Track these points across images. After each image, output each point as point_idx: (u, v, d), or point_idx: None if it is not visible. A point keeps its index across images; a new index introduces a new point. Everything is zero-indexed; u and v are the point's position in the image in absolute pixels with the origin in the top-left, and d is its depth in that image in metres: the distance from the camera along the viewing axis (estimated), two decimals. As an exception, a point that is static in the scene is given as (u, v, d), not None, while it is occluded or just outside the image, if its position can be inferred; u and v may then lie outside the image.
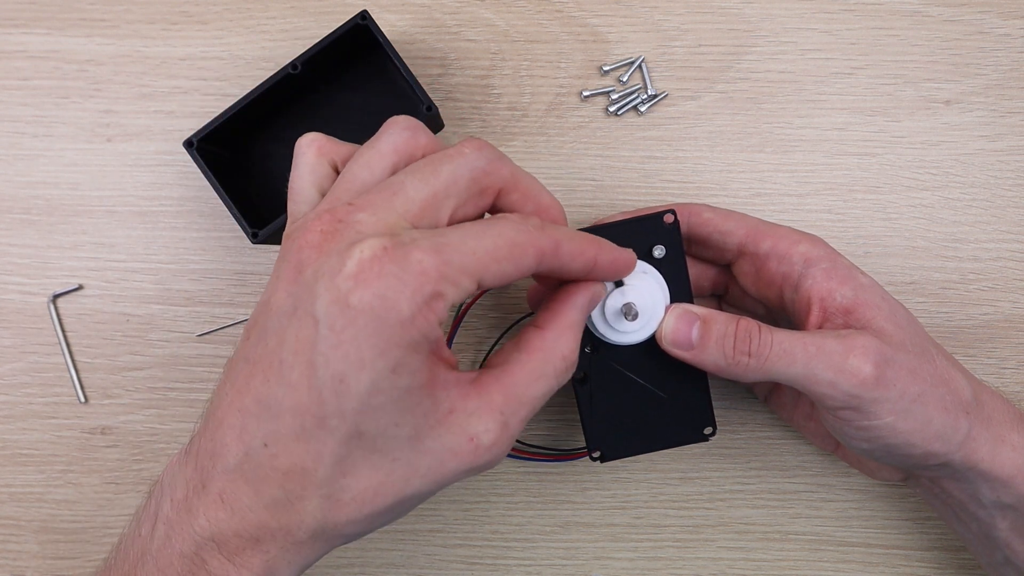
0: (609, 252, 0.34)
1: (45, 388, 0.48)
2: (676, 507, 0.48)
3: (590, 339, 0.39)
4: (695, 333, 0.38)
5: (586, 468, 0.48)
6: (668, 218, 0.38)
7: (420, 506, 0.48)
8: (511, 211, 0.33)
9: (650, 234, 0.38)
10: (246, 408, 0.30)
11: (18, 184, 0.48)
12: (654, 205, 0.42)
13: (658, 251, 0.38)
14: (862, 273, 0.39)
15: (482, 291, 0.37)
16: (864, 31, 0.48)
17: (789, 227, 0.41)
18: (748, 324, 0.37)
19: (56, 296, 0.48)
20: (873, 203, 0.48)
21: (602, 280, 0.35)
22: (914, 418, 0.36)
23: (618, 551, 0.48)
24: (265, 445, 0.29)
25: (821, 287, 0.38)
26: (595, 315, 0.38)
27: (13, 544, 0.48)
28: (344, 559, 0.48)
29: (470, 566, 0.48)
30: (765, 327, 0.37)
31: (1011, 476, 0.38)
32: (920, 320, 0.47)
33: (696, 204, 0.42)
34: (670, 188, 0.48)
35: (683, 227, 0.41)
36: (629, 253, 0.36)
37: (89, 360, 0.48)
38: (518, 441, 0.47)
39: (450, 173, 0.31)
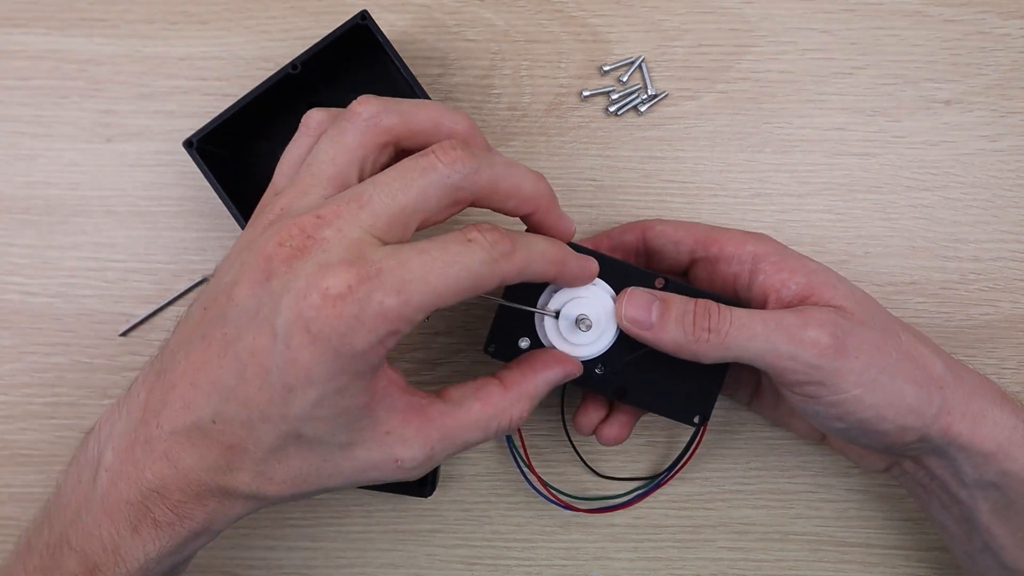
0: (574, 264, 0.37)
1: (45, 388, 0.48)
2: (676, 507, 0.48)
3: (598, 360, 0.40)
4: (654, 312, 0.38)
5: (586, 468, 0.48)
6: (659, 283, 0.40)
7: (420, 506, 0.48)
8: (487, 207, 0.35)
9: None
10: (198, 384, 0.32)
11: (18, 184, 0.48)
12: (625, 222, 0.45)
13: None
14: (813, 261, 0.40)
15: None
16: (864, 31, 0.48)
17: (737, 229, 0.42)
18: (707, 303, 0.38)
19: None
20: (873, 203, 0.48)
21: (563, 284, 0.38)
22: (883, 390, 0.37)
23: (618, 551, 0.48)
24: (213, 422, 0.32)
25: (773, 279, 0.39)
26: (553, 339, 0.39)
27: (13, 544, 0.48)
28: (344, 559, 0.48)
29: (470, 566, 0.48)
30: (724, 305, 0.38)
31: (992, 451, 0.38)
32: (920, 320, 0.48)
33: (650, 220, 0.44)
34: (670, 188, 0.48)
35: (640, 241, 0.43)
36: (591, 263, 0.38)
37: (89, 360, 0.48)
38: (549, 485, 0.47)
39: (421, 190, 0.32)
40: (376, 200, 0.31)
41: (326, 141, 0.34)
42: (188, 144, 0.43)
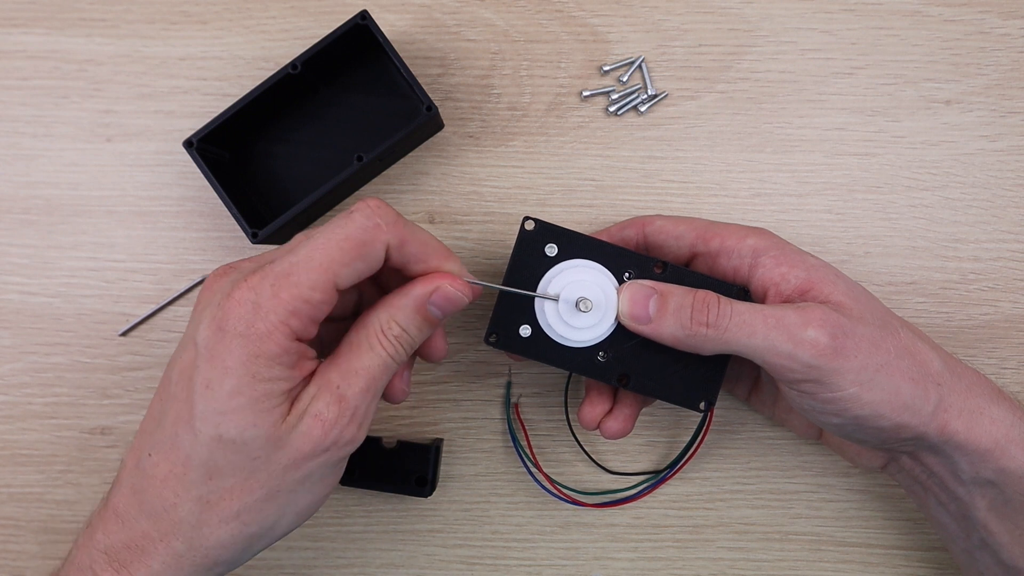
0: (455, 262, 0.37)
1: (45, 388, 0.48)
2: (676, 507, 0.48)
3: (600, 347, 0.40)
4: (652, 306, 0.38)
5: (586, 469, 0.48)
6: (657, 268, 0.40)
7: (420, 506, 0.48)
8: (407, 266, 0.36)
9: (632, 267, 0.40)
10: (144, 428, 0.34)
11: (18, 184, 0.48)
12: (625, 218, 0.45)
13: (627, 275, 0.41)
14: (812, 256, 0.40)
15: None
16: (864, 31, 0.48)
17: (737, 224, 0.42)
18: (706, 295, 0.38)
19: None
20: (873, 203, 0.48)
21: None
22: (880, 388, 0.37)
23: (618, 551, 0.48)
24: (150, 455, 0.33)
25: (773, 273, 0.39)
26: (554, 323, 0.40)
27: (13, 544, 0.48)
28: (344, 559, 0.48)
29: (470, 566, 0.48)
30: (724, 299, 0.38)
31: (989, 449, 0.38)
32: (920, 320, 0.48)
33: (651, 215, 0.44)
34: (670, 188, 0.48)
35: (640, 236, 0.43)
36: (457, 267, 0.37)
37: (89, 360, 0.48)
38: (555, 482, 0.47)
39: (341, 229, 0.34)
40: (295, 238, 0.35)
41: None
42: (188, 144, 0.43)
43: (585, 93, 0.48)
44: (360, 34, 0.44)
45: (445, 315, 0.36)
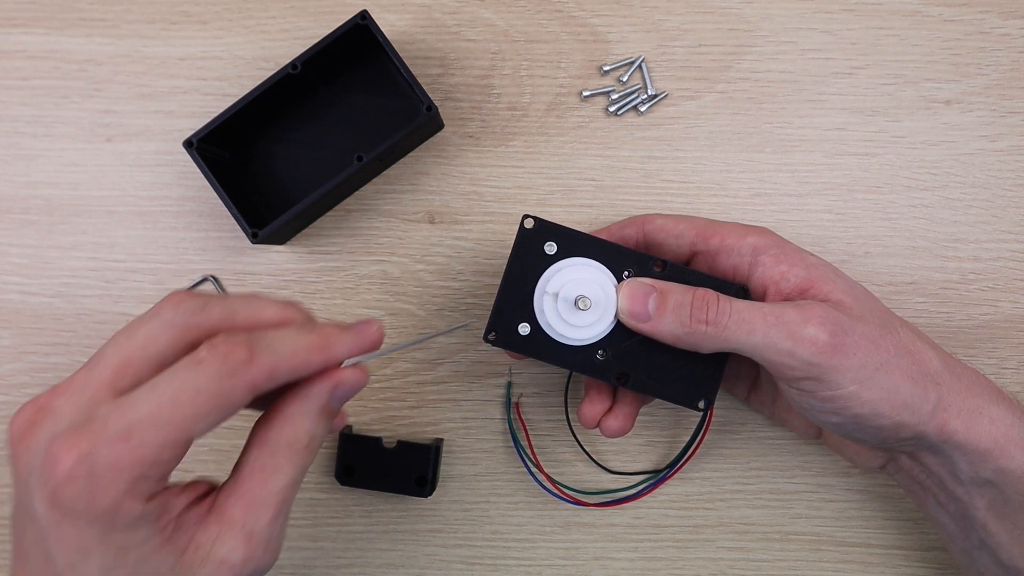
0: (345, 341, 0.33)
1: (45, 388, 0.48)
2: (676, 507, 0.48)
3: (599, 345, 0.40)
4: (651, 304, 0.38)
5: (586, 469, 0.48)
6: (656, 267, 0.40)
7: (420, 506, 0.48)
8: (288, 383, 0.32)
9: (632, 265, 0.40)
10: None
11: (18, 184, 0.48)
12: (624, 218, 0.45)
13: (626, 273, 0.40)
14: (812, 255, 0.40)
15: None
16: (864, 31, 0.48)
17: (737, 223, 0.42)
18: (706, 293, 0.38)
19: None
20: (873, 203, 0.48)
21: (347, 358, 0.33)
22: (879, 387, 0.37)
23: (618, 551, 0.48)
24: None
25: (773, 271, 0.39)
26: (553, 321, 0.39)
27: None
28: (344, 559, 0.48)
29: (470, 566, 0.48)
30: (723, 297, 0.38)
31: (988, 449, 0.37)
32: (920, 320, 0.48)
33: (651, 214, 0.44)
34: (670, 188, 0.48)
35: (640, 234, 0.43)
36: (368, 327, 0.34)
37: (89, 360, 0.48)
38: (557, 482, 0.47)
39: (145, 335, 0.31)
40: (105, 354, 0.31)
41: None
42: (188, 144, 0.43)
43: (585, 93, 0.48)
44: (360, 34, 0.44)
45: (348, 399, 0.33)
